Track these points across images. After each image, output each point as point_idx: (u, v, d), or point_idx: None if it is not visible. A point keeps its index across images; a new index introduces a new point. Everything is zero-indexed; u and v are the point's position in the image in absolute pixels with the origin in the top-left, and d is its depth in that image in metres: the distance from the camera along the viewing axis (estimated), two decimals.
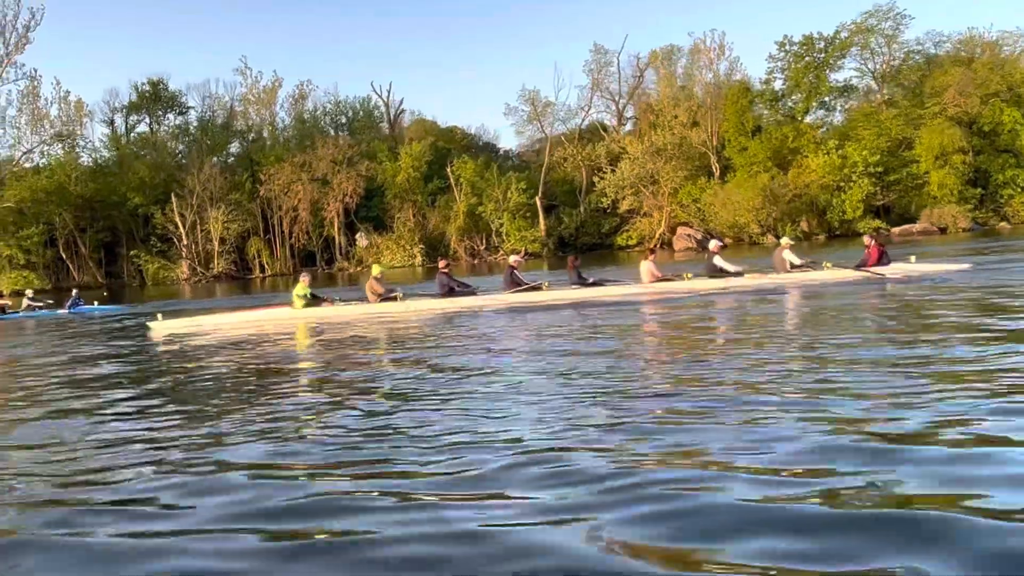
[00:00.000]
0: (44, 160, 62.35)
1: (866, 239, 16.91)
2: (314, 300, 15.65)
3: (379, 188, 61.35)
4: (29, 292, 28.52)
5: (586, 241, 60.93)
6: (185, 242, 58.46)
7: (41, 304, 26.75)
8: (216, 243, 58.28)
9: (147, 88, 68.57)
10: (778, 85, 57.90)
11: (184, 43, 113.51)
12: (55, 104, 61.06)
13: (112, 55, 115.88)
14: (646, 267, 16.50)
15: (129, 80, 73.70)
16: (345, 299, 16.91)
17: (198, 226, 58.70)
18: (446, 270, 16.31)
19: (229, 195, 58.98)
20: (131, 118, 70.34)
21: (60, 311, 25.67)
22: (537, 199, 59.88)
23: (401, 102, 76.52)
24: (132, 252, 59.43)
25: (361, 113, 75.29)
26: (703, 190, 56.34)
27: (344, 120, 74.61)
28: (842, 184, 50.42)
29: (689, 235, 49.59)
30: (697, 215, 54.56)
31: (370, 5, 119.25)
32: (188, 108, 70.62)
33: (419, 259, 57.50)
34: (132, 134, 70.42)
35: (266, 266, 59.90)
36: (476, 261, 57.87)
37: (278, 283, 50.72)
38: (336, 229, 60.88)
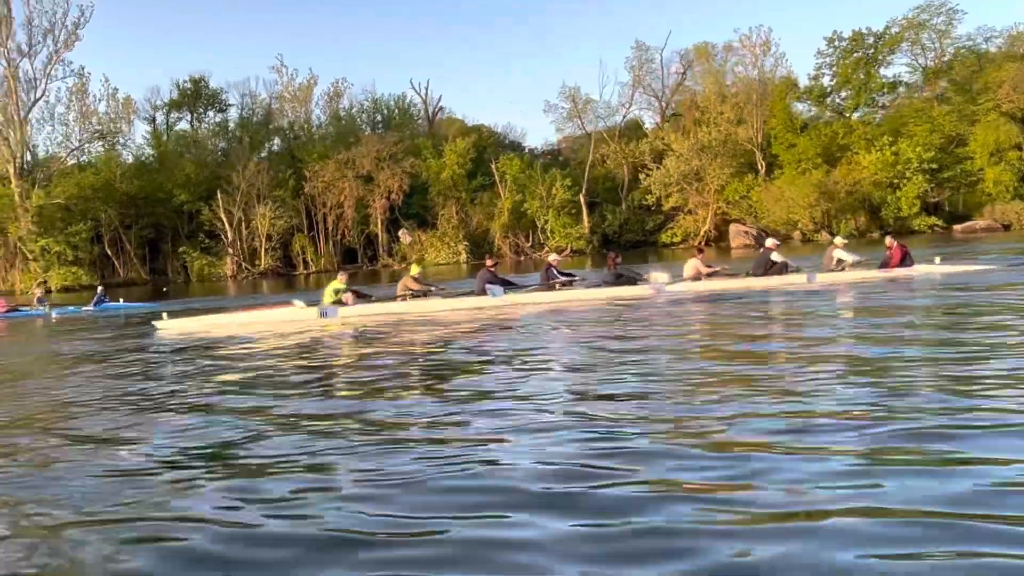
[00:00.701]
0: (87, 158, 62.77)
1: (888, 240, 16.72)
2: (344, 295, 15.20)
3: (422, 185, 61.27)
4: (38, 292, 28.27)
5: (630, 238, 60.68)
6: (231, 238, 58.59)
7: (47, 303, 26.66)
8: (263, 240, 58.33)
9: (188, 86, 68.85)
10: (826, 81, 57.27)
11: (223, 41, 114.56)
12: (103, 101, 61.28)
13: (152, 53, 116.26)
14: (693, 264, 16.29)
15: (171, 78, 74.14)
16: (379, 297, 16.68)
17: (243, 223, 58.74)
18: (492, 268, 16.18)
19: (273, 192, 59.06)
20: (172, 115, 70.72)
21: (86, 308, 25.63)
22: (581, 196, 59.61)
23: (439, 99, 76.47)
24: (181, 249, 59.57)
25: (396, 111, 75.26)
26: (750, 187, 55.98)
27: (380, 118, 74.58)
28: (895, 181, 49.87)
29: (746, 232, 49.11)
30: (748, 212, 54.11)
31: (407, 3, 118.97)
32: (228, 106, 70.90)
33: (464, 256, 57.42)
34: (173, 132, 70.70)
35: (310, 263, 59.95)
36: (521, 258, 57.65)
37: (322, 280, 50.73)
38: (379, 226, 60.85)
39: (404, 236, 61.58)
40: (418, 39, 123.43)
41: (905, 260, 16.15)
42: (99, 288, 28.08)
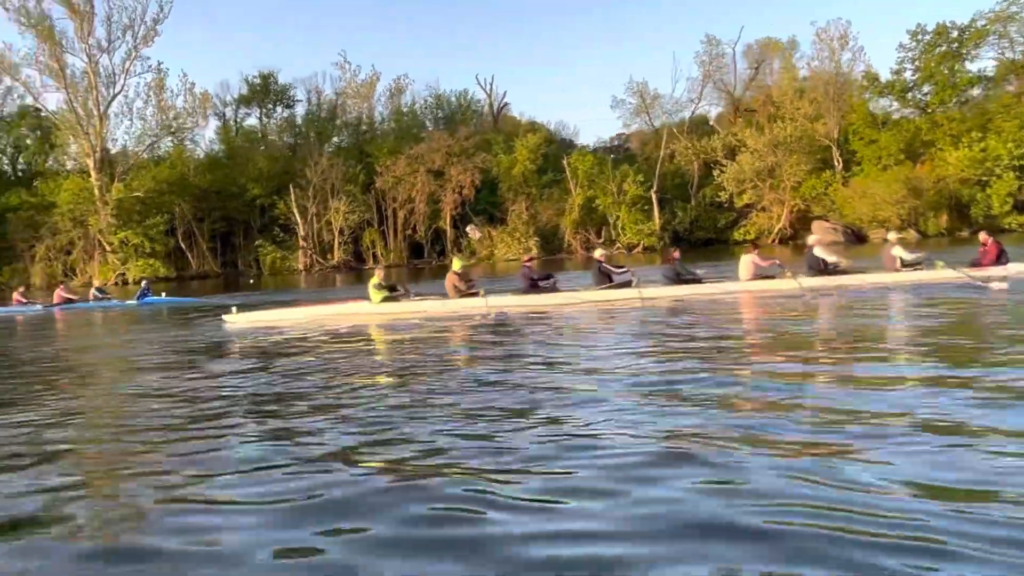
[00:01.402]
0: (162, 152, 63.69)
1: (982, 236, 15.79)
2: (390, 292, 15.29)
3: (490, 181, 61.11)
4: (97, 283, 28.62)
5: (701, 236, 59.90)
6: (303, 232, 59.00)
7: (107, 295, 26.85)
8: (336, 234, 58.66)
9: (257, 81, 69.56)
10: (908, 75, 55.80)
11: (290, 37, 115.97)
12: (180, 96, 62.13)
13: (222, 48, 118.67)
14: (747, 261, 15.66)
15: (240, 73, 75.11)
16: (423, 293, 16.46)
17: (314, 217, 59.11)
18: (529, 263, 15.91)
19: (345, 187, 59.35)
20: (240, 111, 71.57)
21: (129, 302, 25.68)
22: (652, 192, 58.95)
23: (504, 95, 76.26)
24: (257, 243, 60.17)
25: (458, 106, 75.26)
26: (828, 184, 54.87)
27: (441, 114, 74.64)
28: (984, 178, 48.38)
29: (836, 228, 48.04)
30: (829, 209, 53.03)
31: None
32: (296, 101, 71.50)
33: (534, 251, 56.99)
34: (241, 127, 71.51)
35: (380, 257, 60.14)
36: (591, 254, 57.18)
37: (391, 274, 50.82)
38: (447, 221, 60.86)
39: (473, 232, 61.63)
40: (479, 35, 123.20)
41: (1000, 258, 15.22)
42: (144, 282, 28.38)
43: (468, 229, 61.47)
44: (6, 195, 60.50)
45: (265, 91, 70.02)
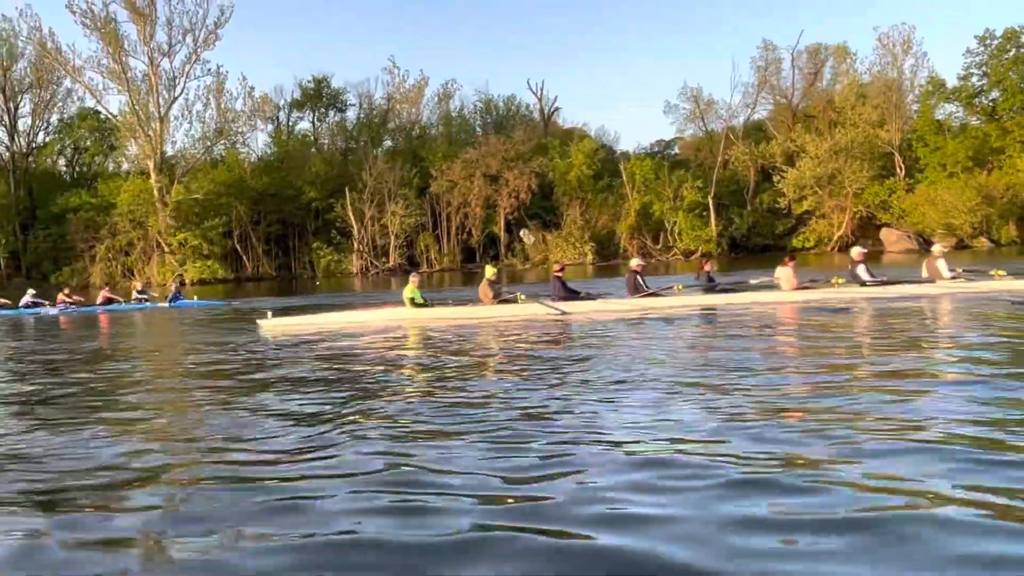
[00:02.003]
0: (218, 154, 64.27)
1: None
2: (425, 302, 15.04)
3: (544, 185, 60.85)
4: (137, 285, 28.61)
5: (758, 242, 59.19)
6: (358, 235, 59.12)
7: (147, 296, 27.04)
8: (392, 237, 58.73)
9: (311, 85, 69.96)
10: (975, 81, 54.70)
11: (344, 42, 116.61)
12: (239, 99, 62.69)
13: (276, 52, 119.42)
14: (785, 273, 15.09)
15: (295, 77, 75.58)
16: (458, 300, 16.18)
17: (370, 220, 59.20)
18: (560, 273, 15.46)
19: (399, 190, 59.39)
20: (292, 115, 72.04)
21: (161, 304, 25.87)
22: (710, 198, 58.33)
23: (555, 100, 75.95)
24: (315, 244, 60.44)
25: (506, 111, 75.09)
26: (892, 191, 53.98)
27: (490, 119, 74.51)
28: None
29: (911, 235, 47.12)
30: (899, 215, 52.13)
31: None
32: (349, 106, 71.86)
33: (590, 256, 56.80)
34: (295, 131, 71.97)
35: (434, 261, 60.09)
36: (652, 260, 56.64)
37: (444, 278, 50.84)
38: (501, 226, 60.72)
39: (527, 236, 61.90)
40: (523, 40, 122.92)
41: None
42: (174, 285, 28.89)
43: (522, 233, 61.91)
44: (66, 196, 61.36)
45: (318, 95, 70.44)
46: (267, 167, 63.92)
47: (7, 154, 63.47)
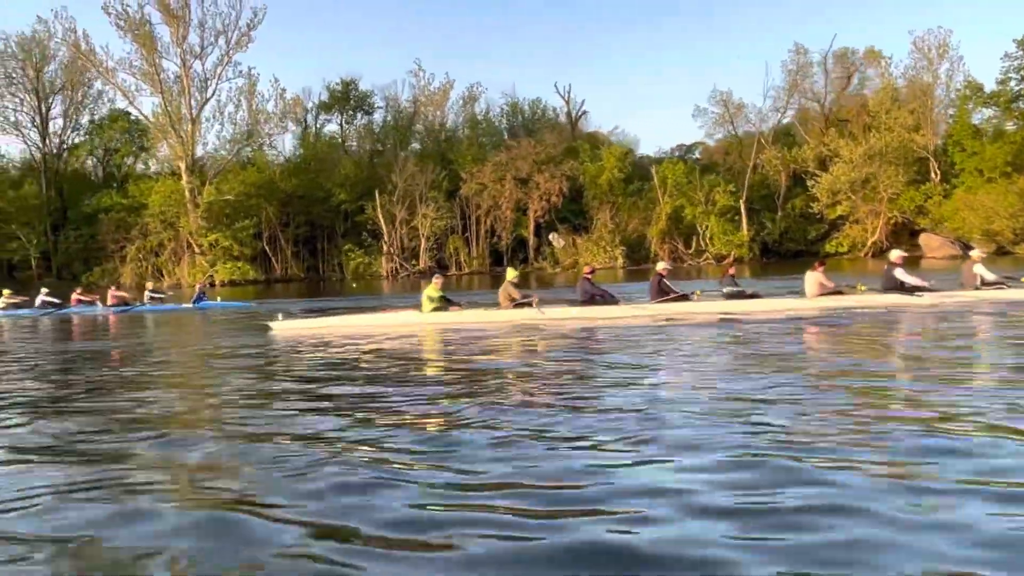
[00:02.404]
0: (248, 155, 64.38)
1: None
2: (444, 304, 14.78)
3: (574, 189, 60.53)
4: (149, 285, 28.41)
5: (791, 247, 58.78)
6: (388, 237, 58.99)
7: (162, 296, 26.93)
8: (423, 239, 58.58)
9: (339, 88, 70.03)
10: (1014, 85, 53.97)
11: (368, 45, 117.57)
12: (271, 101, 62.83)
13: (303, 54, 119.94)
14: (813, 278, 14.60)
15: (322, 79, 75.60)
16: (476, 303, 15.88)
17: (400, 223, 59.06)
18: (590, 275, 15.15)
19: (429, 193, 59.23)
20: (320, 117, 72.18)
21: (184, 305, 25.83)
22: (741, 202, 57.87)
23: (582, 103, 75.63)
24: (346, 247, 60.38)
25: (531, 114, 74.89)
26: (928, 196, 53.40)
27: (517, 122, 74.30)
28: None
29: (954, 241, 46.48)
30: (937, 221, 51.51)
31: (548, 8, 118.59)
32: (376, 108, 71.91)
33: (620, 261, 56.44)
34: (321, 133, 72.06)
35: (463, 264, 59.89)
36: (685, 264, 56.23)
37: (474, 281, 50.62)
38: (529, 229, 60.48)
39: (556, 240, 61.56)
40: (548, 43, 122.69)
41: None
42: (197, 286, 28.32)
43: (551, 237, 61.61)
44: (97, 197, 61.67)
45: (346, 98, 70.53)
46: (296, 169, 63.93)
47: (38, 155, 63.90)
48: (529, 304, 14.58)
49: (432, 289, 14.86)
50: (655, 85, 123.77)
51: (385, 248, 59.35)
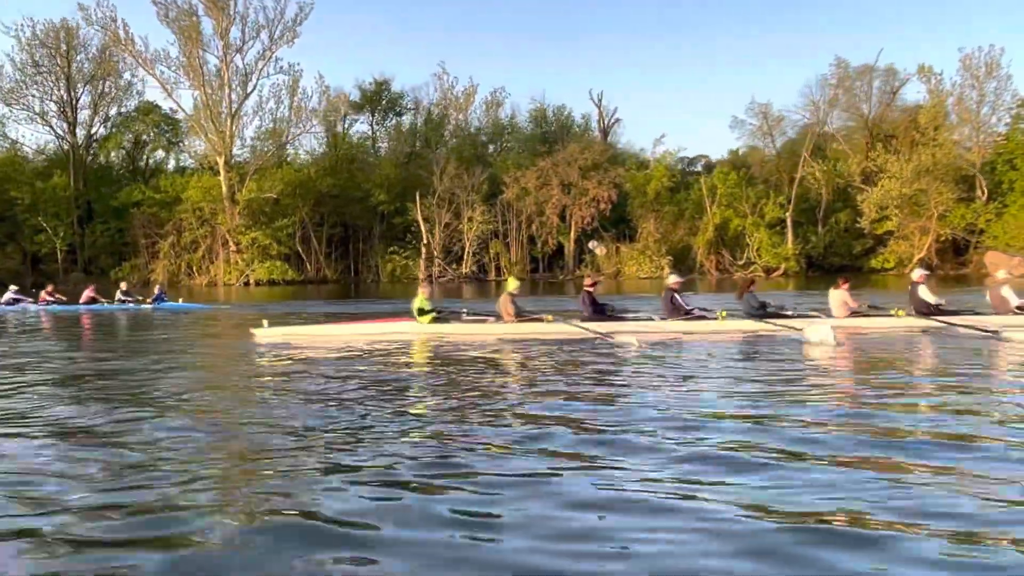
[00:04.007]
0: (288, 154, 63.26)
1: None
2: (437, 314, 13.86)
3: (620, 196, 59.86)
4: (123, 285, 27.01)
5: (834, 262, 58.23)
6: (426, 240, 57.91)
7: (133, 298, 25.64)
8: (467, 243, 57.57)
9: (371, 88, 68.88)
10: None
11: (398, 48, 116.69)
12: (314, 97, 61.68)
13: (336, 54, 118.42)
14: (839, 297, 13.99)
15: (355, 79, 74.32)
16: (477, 313, 14.92)
17: (443, 225, 58.02)
18: (591, 288, 14.24)
19: (466, 196, 58.22)
20: (348, 117, 70.88)
21: (145, 306, 24.82)
22: (788, 215, 57.40)
23: (615, 111, 74.82)
24: (391, 249, 59.26)
25: (555, 120, 74.00)
26: (979, 213, 53.27)
27: (547, 129, 73.40)
28: None
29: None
30: (993, 238, 51.37)
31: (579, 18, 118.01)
32: (408, 110, 70.86)
33: (667, 270, 55.63)
34: (347, 133, 70.82)
35: (504, 270, 58.93)
36: (734, 276, 55.56)
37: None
38: (572, 236, 59.68)
39: (598, 248, 60.66)
40: (576, 49, 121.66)
41: None
42: (157, 287, 27.49)
43: (591, 245, 60.80)
44: (127, 190, 60.14)
45: (378, 98, 69.44)
46: (332, 168, 62.65)
47: (66, 146, 62.25)
48: (539, 319, 13.75)
49: (420, 300, 13.90)
50: (688, 94, 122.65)
51: (424, 251, 58.24)
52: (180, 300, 27.52)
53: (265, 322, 14.12)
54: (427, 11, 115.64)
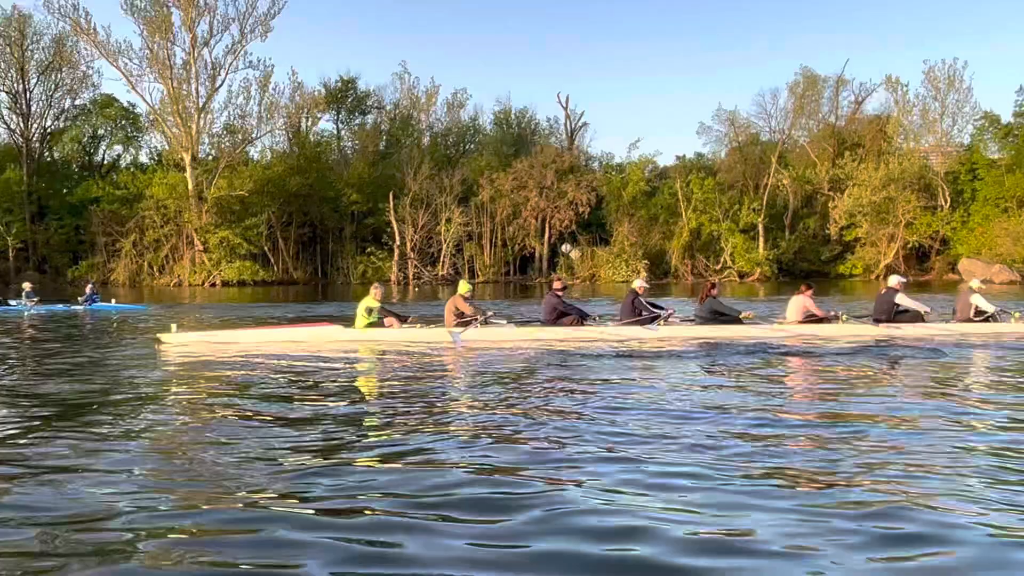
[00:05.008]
0: (256, 152, 61.61)
1: None
2: (385, 317, 13.49)
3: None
4: (27, 285, 25.14)
5: (803, 268, 59.15)
6: (399, 241, 56.89)
7: (37, 298, 24.24)
8: (444, 245, 56.72)
9: (338, 86, 67.53)
10: None
11: (364, 49, 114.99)
12: (286, 93, 60.10)
13: (294, 53, 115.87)
14: (799, 303, 13.99)
15: (320, 77, 72.86)
16: (423, 317, 14.96)
17: (418, 227, 57.04)
18: (560, 292, 13.96)
19: (441, 198, 57.37)
20: (312, 115, 69.28)
21: (75, 307, 24.20)
22: (760, 221, 58.06)
23: (582, 115, 74.72)
24: (368, 250, 57.98)
25: (517, 123, 73.79)
26: (946, 221, 54.84)
27: (511, 130, 73.07)
28: None
29: (1012, 267, 47.23)
30: (961, 245, 52.84)
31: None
32: (374, 108, 69.67)
33: (643, 274, 55.65)
34: (312, 132, 69.29)
35: (478, 272, 58.27)
36: (718, 282, 55.98)
37: (486, 290, 49.26)
38: (546, 239, 59.36)
39: (571, 251, 60.40)
40: (548, 54, 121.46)
41: None
42: (88, 286, 26.12)
43: (564, 248, 60.52)
44: (84, 186, 57.69)
45: (344, 96, 68.17)
46: (300, 167, 61.09)
47: (20, 139, 59.43)
48: (469, 322, 13.22)
49: (370, 300, 13.39)
50: (655, 99, 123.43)
51: (397, 253, 57.20)
52: (113, 301, 26.36)
53: (174, 326, 13.25)
54: (391, 10, 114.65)
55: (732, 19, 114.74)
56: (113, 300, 26.40)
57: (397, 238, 56.93)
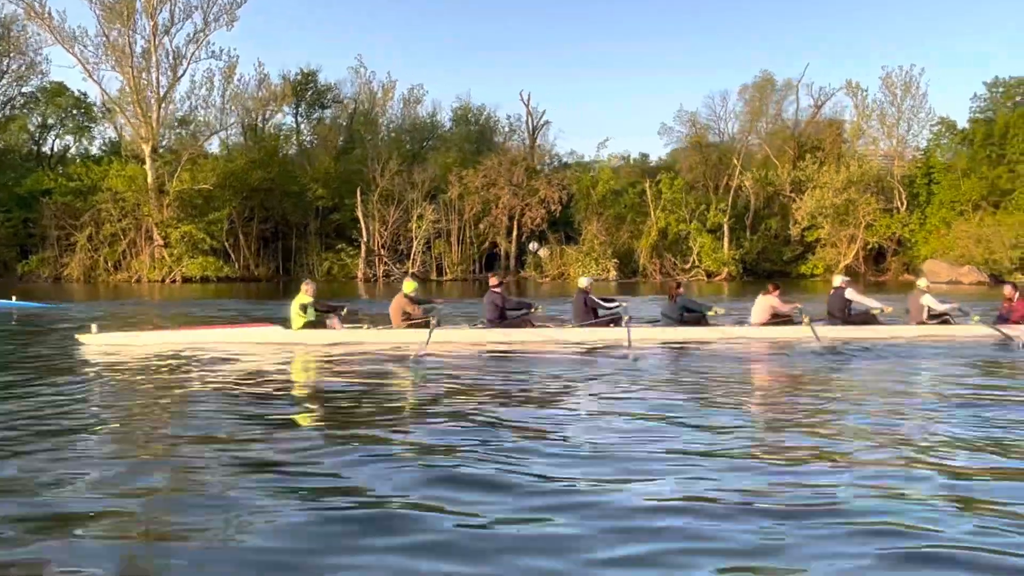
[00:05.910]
0: (217, 145, 59.89)
1: (1007, 290, 14.47)
2: (320, 314, 13.09)
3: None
4: None
5: (766, 268, 60.11)
6: (366, 238, 55.94)
7: None
8: (415, 242, 55.94)
9: (299, 79, 66.07)
10: (984, 124, 57.67)
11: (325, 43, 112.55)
12: (251, 85, 58.53)
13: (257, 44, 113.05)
14: (766, 303, 13.98)
15: (281, 70, 70.58)
16: (370, 316, 14.88)
17: (387, 223, 56.17)
18: (498, 289, 13.74)
19: (411, 194, 56.63)
20: (269, 108, 67.67)
21: None
22: (725, 221, 58.81)
23: (543, 113, 74.59)
24: (339, 247, 56.82)
25: (475, 120, 73.43)
26: (904, 223, 56.34)
27: (473, 127, 72.64)
28: None
29: (979, 268, 48.46)
30: (921, 247, 54.48)
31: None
32: (336, 102, 68.39)
33: (612, 273, 55.99)
34: (269, 125, 67.65)
35: (446, 270, 57.68)
36: (683, 281, 56.42)
37: (454, 288, 48.91)
38: (514, 237, 59.13)
39: (538, 249, 60.23)
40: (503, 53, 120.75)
41: None
42: None
43: (531, 246, 60.35)
44: (34, 177, 55.21)
45: (304, 90, 66.76)
46: (262, 161, 59.56)
47: None
48: (425, 323, 12.69)
49: (303, 296, 12.91)
50: (617, 100, 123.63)
51: (364, 249, 56.25)
52: (13, 298, 22.87)
53: (94, 327, 12.53)
54: (349, 4, 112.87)
55: (696, 20, 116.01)
56: (14, 297, 22.91)
57: (364, 234, 56.01)
